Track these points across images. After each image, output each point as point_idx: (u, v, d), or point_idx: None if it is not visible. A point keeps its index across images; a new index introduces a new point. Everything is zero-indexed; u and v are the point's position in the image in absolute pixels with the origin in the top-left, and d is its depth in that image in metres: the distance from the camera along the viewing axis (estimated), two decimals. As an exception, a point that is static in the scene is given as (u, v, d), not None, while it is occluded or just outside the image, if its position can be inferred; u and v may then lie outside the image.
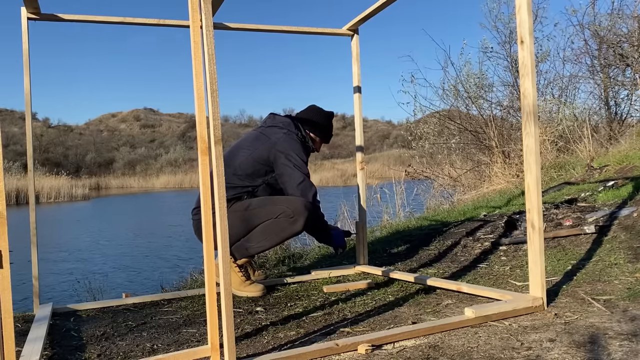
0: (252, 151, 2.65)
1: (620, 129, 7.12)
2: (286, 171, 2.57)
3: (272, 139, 2.66)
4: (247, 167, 2.62)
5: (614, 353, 1.43)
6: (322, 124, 2.86)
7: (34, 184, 2.43)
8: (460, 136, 8.39)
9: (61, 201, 23.48)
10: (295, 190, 2.54)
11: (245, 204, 2.57)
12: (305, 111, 2.89)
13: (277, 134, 2.68)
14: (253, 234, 2.56)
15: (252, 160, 2.63)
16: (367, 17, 2.83)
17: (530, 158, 1.89)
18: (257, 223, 2.54)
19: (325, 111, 2.90)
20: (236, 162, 2.64)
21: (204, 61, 1.48)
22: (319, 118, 2.85)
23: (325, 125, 2.88)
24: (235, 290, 2.55)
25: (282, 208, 2.50)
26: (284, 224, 2.49)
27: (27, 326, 2.13)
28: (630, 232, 2.70)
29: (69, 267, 7.52)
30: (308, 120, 2.83)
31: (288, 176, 2.56)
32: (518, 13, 1.92)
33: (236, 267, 2.58)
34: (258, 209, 2.54)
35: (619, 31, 7.28)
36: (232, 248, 2.51)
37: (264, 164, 2.62)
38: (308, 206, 2.49)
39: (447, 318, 1.85)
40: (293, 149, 2.61)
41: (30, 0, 2.31)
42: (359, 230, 3.03)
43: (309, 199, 2.53)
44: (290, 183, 2.56)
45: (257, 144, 2.69)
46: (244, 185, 2.61)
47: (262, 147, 2.64)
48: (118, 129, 55.51)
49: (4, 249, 1.24)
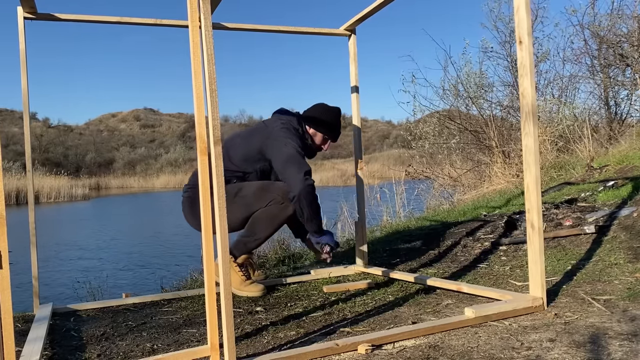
0: (248, 139, 2.65)
1: (620, 129, 7.12)
2: (276, 152, 2.51)
3: (268, 128, 2.64)
4: (239, 153, 2.61)
5: (614, 353, 1.43)
6: (326, 120, 2.76)
7: (32, 184, 2.43)
8: (460, 136, 8.39)
9: (61, 201, 23.48)
10: (285, 165, 2.46)
11: (235, 188, 2.53)
12: (310, 109, 2.83)
13: (275, 124, 2.64)
14: (247, 227, 2.54)
15: (246, 146, 2.62)
16: (365, 17, 2.83)
17: (530, 158, 1.89)
18: (247, 212, 2.51)
19: (331, 107, 2.81)
20: (230, 147, 2.65)
21: (202, 61, 1.48)
22: (323, 114, 2.76)
23: (330, 122, 2.77)
24: (236, 289, 2.52)
25: (272, 195, 2.47)
26: (274, 210, 2.47)
27: (27, 326, 2.13)
28: (630, 232, 2.70)
29: (69, 267, 7.52)
30: (311, 118, 2.76)
31: (278, 153, 2.50)
32: (516, 13, 1.92)
33: (236, 266, 2.56)
34: (248, 197, 2.51)
35: (619, 31, 7.28)
36: (230, 246, 2.47)
37: (256, 153, 2.59)
38: (298, 186, 2.40)
39: (447, 318, 1.85)
40: (287, 136, 2.56)
41: (27, 0, 2.31)
42: (358, 230, 3.03)
43: (299, 177, 2.41)
44: (279, 158, 2.49)
45: (254, 133, 2.68)
46: (234, 170, 2.59)
47: (258, 135, 2.64)
48: (118, 129, 55.52)
49: (3, 249, 1.24)
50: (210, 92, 1.43)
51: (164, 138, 51.79)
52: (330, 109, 2.80)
